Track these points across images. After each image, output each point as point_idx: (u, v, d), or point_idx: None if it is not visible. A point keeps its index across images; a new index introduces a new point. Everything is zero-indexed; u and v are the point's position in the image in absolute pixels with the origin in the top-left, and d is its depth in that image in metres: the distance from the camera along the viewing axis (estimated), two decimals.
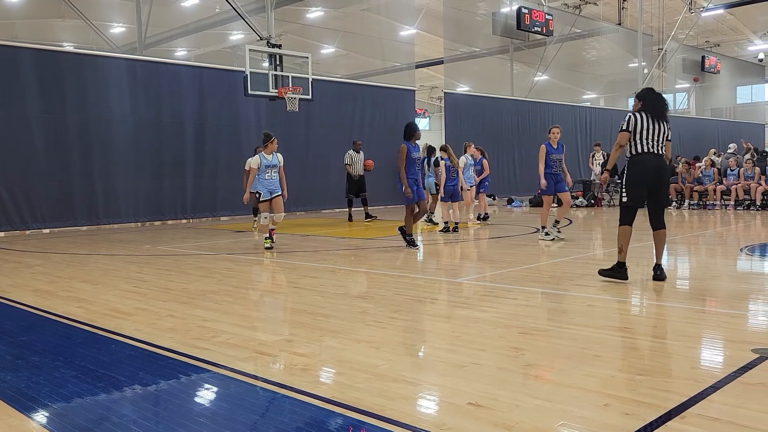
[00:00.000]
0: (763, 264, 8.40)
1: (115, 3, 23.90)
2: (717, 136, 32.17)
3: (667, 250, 9.60)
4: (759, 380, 3.52)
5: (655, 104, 6.57)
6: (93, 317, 5.50)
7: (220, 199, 16.46)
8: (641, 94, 6.73)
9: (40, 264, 9.04)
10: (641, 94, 6.74)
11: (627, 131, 6.46)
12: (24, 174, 13.71)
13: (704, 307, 5.61)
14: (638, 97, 6.74)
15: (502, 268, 7.79)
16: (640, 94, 6.75)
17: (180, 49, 28.93)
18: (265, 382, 3.72)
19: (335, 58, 32.79)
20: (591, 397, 3.32)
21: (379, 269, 7.85)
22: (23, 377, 3.92)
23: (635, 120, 6.47)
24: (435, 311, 5.72)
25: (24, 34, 23.63)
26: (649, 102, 6.58)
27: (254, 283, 7.47)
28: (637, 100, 6.72)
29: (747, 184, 16.54)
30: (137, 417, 3.23)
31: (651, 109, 6.53)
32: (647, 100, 6.60)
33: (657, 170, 6.48)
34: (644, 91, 6.78)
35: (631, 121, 6.47)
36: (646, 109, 6.54)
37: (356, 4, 26.33)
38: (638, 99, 6.71)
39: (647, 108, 6.55)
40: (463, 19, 27.36)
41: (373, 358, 4.13)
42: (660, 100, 6.65)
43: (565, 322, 4.92)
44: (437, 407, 3.34)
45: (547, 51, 26.83)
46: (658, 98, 6.65)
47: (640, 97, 6.70)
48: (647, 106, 6.57)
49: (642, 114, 6.50)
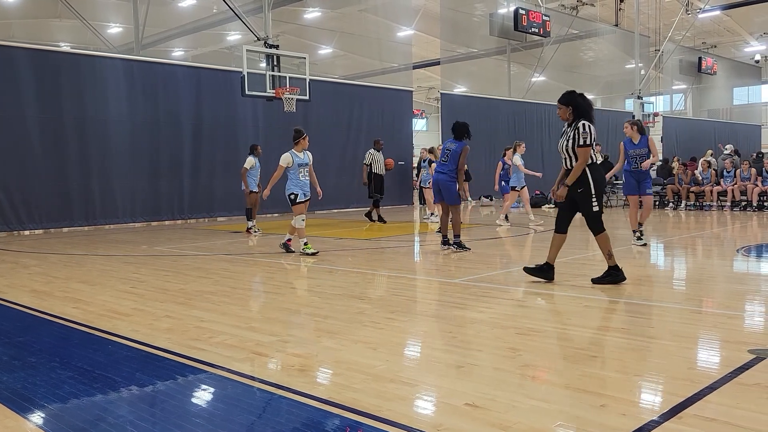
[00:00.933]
0: (760, 265, 8.42)
1: (112, 3, 23.89)
2: (713, 137, 32.20)
3: (665, 250, 9.62)
4: (755, 381, 3.53)
5: (591, 113, 6.43)
6: (90, 318, 5.49)
7: (217, 199, 16.44)
8: (573, 100, 6.43)
9: (36, 264, 9.02)
10: (574, 98, 6.45)
11: (590, 146, 6.28)
12: (21, 174, 13.68)
13: (701, 307, 5.62)
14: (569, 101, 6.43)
15: (499, 268, 7.79)
16: (572, 99, 6.44)
17: (177, 49, 28.92)
18: (262, 383, 3.72)
19: (332, 59, 32.81)
20: (587, 398, 3.32)
21: (376, 270, 7.84)
22: (20, 378, 3.91)
23: (594, 133, 6.34)
24: (432, 312, 5.72)
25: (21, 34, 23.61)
26: (586, 108, 6.41)
27: (251, 284, 7.46)
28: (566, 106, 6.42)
29: (743, 185, 16.58)
30: (134, 418, 3.22)
31: (590, 116, 6.40)
32: (583, 107, 6.40)
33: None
34: (579, 96, 6.50)
35: (591, 135, 6.28)
36: (590, 119, 6.38)
37: (353, 5, 26.36)
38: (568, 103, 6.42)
39: (586, 116, 6.37)
40: (461, 20, 27.39)
41: (370, 358, 4.13)
42: (592, 106, 6.50)
43: (561, 323, 4.93)
44: (434, 408, 3.34)
45: (544, 52, 26.84)
46: (592, 106, 6.50)
47: (571, 101, 6.42)
48: (584, 112, 6.38)
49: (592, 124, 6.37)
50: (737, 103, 40.69)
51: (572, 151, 6.31)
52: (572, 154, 6.31)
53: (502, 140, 24.89)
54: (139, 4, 19.05)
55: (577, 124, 6.31)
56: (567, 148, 6.35)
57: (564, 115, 6.44)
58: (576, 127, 6.30)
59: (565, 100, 6.44)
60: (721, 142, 26.46)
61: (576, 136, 6.27)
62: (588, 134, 6.23)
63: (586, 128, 6.25)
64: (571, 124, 6.40)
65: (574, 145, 6.28)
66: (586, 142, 6.22)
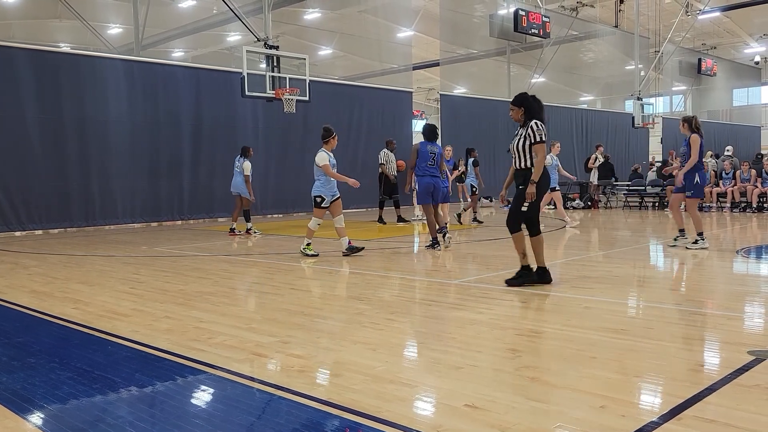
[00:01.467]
0: (759, 266, 8.42)
1: (112, 4, 23.89)
2: (713, 138, 32.23)
3: (664, 251, 9.62)
4: (755, 382, 3.53)
5: (542, 114, 6.49)
6: (89, 318, 5.48)
7: (216, 200, 16.44)
8: (525, 102, 6.49)
9: (36, 265, 9.02)
10: (526, 100, 6.50)
11: (544, 142, 6.36)
12: (20, 175, 13.68)
13: (700, 309, 5.62)
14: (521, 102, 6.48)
15: (499, 269, 7.79)
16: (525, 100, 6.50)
17: (177, 50, 28.92)
18: (261, 384, 3.71)
19: (332, 60, 32.82)
20: (587, 399, 3.32)
21: (375, 271, 7.84)
22: (19, 378, 3.91)
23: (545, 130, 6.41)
24: (431, 313, 5.72)
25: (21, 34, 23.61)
26: (538, 110, 6.48)
27: (251, 285, 7.46)
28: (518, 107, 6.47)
29: (743, 186, 16.59)
30: (133, 418, 3.22)
31: (540, 117, 6.46)
32: (534, 108, 6.47)
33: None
34: (531, 97, 6.57)
35: (545, 132, 6.37)
36: (541, 119, 6.45)
37: (353, 6, 26.37)
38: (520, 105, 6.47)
39: (540, 117, 6.45)
40: (460, 21, 27.40)
41: (369, 359, 4.13)
42: (542, 107, 6.55)
43: (561, 324, 4.92)
44: (434, 409, 3.34)
45: (544, 53, 26.85)
46: (543, 108, 6.55)
47: (524, 102, 6.48)
48: (536, 113, 6.45)
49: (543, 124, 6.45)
50: (737, 104, 40.71)
51: (523, 150, 6.43)
52: (524, 153, 6.43)
53: (502, 141, 24.96)
54: (139, 4, 19.05)
55: (529, 124, 6.43)
56: (519, 147, 6.46)
57: (516, 116, 6.56)
58: (529, 127, 6.42)
59: (518, 101, 6.57)
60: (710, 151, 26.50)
61: (530, 135, 6.38)
62: (542, 131, 6.37)
63: (539, 126, 6.40)
64: (523, 125, 6.51)
65: (525, 144, 6.40)
66: (542, 138, 6.36)
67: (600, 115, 29.84)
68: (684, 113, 36.87)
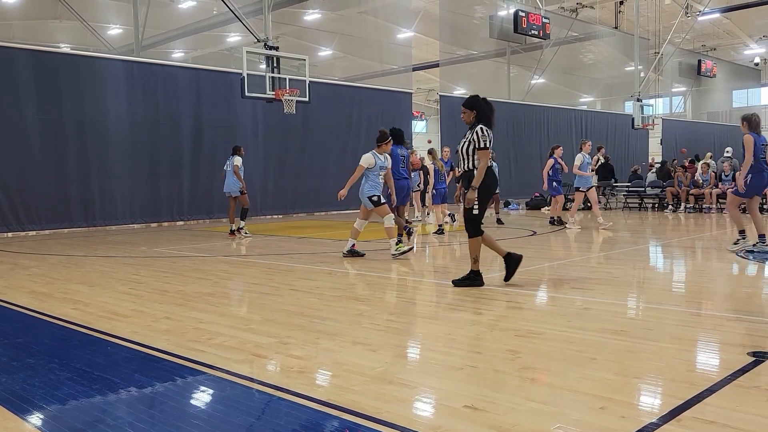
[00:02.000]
0: (759, 267, 8.41)
1: (112, 4, 23.90)
2: (713, 139, 32.25)
3: (663, 253, 9.62)
4: (755, 383, 3.53)
5: (491, 118, 6.51)
6: (89, 319, 5.48)
7: (216, 200, 16.41)
8: (477, 105, 6.50)
9: (35, 265, 9.02)
10: (478, 103, 6.51)
11: (489, 148, 6.37)
12: (20, 175, 13.68)
13: (700, 310, 5.62)
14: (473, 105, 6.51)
15: (498, 270, 7.79)
16: (476, 104, 6.51)
17: (177, 50, 28.95)
18: (261, 385, 3.71)
19: (332, 61, 32.84)
20: (587, 400, 3.32)
21: (375, 271, 7.84)
22: (18, 379, 3.90)
23: (491, 135, 6.42)
24: (431, 313, 5.71)
25: (21, 35, 23.62)
26: (488, 114, 6.50)
27: (250, 286, 7.46)
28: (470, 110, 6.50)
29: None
30: (132, 419, 3.22)
31: (489, 121, 6.49)
32: (485, 112, 6.49)
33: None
34: (483, 101, 6.57)
35: (490, 138, 6.40)
36: (487, 123, 6.47)
37: (353, 7, 26.38)
38: (472, 107, 6.50)
39: (486, 121, 6.47)
40: (460, 22, 27.42)
41: (369, 360, 4.13)
42: (494, 114, 6.57)
43: (561, 325, 4.92)
44: (433, 410, 3.34)
45: (543, 54, 26.87)
46: (493, 111, 6.56)
47: (476, 105, 6.50)
48: (487, 118, 6.48)
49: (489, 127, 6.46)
50: (737, 105, 40.69)
51: (467, 153, 6.46)
52: (468, 156, 6.47)
53: (501, 143, 24.95)
54: (139, 5, 19.07)
55: (475, 128, 6.44)
56: (464, 150, 6.49)
57: (468, 118, 6.57)
58: (474, 131, 6.43)
59: (470, 104, 6.58)
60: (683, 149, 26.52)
61: (475, 140, 6.40)
62: (487, 137, 6.39)
63: (485, 132, 6.41)
64: (471, 128, 6.52)
65: (470, 147, 6.43)
66: (486, 145, 6.38)
67: (600, 117, 29.84)
68: (683, 115, 36.91)
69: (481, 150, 6.37)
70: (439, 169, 12.75)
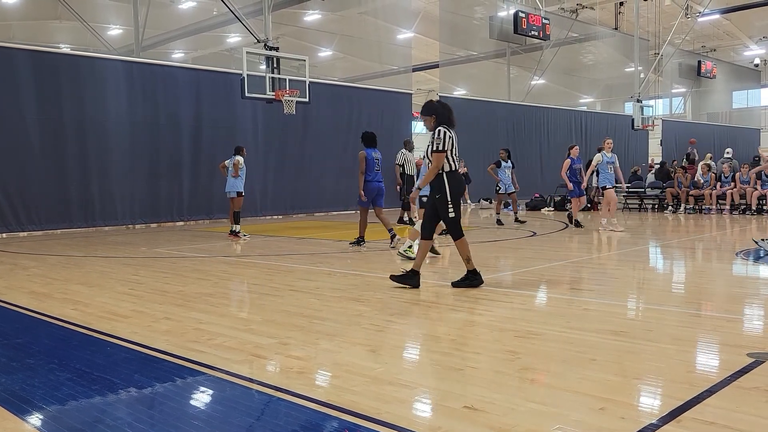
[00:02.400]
0: (759, 268, 8.42)
1: (112, 5, 23.90)
2: (713, 140, 32.25)
3: (663, 254, 9.62)
4: (754, 384, 3.53)
5: (450, 117, 6.54)
6: (88, 320, 5.48)
7: (216, 201, 16.41)
8: (435, 108, 6.56)
9: (35, 266, 9.01)
10: (434, 107, 6.57)
11: (444, 151, 6.39)
12: (20, 175, 13.68)
13: (700, 311, 5.62)
14: (430, 111, 6.55)
15: (498, 271, 7.79)
16: (433, 108, 6.56)
17: (177, 51, 28.95)
18: (260, 385, 3.71)
19: (332, 61, 32.84)
20: (587, 401, 3.32)
21: (375, 272, 7.84)
22: (18, 380, 3.90)
23: (450, 137, 6.43)
24: (431, 314, 5.71)
25: (20, 35, 23.62)
26: (446, 115, 6.53)
27: (250, 286, 7.46)
28: (429, 116, 6.54)
29: (743, 188, 16.59)
30: (132, 420, 3.22)
31: (450, 123, 6.51)
32: (444, 114, 6.52)
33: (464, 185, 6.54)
34: (438, 104, 6.63)
35: (447, 140, 6.40)
36: (448, 124, 6.49)
37: (354, 8, 26.38)
38: (430, 113, 6.54)
39: (446, 122, 6.49)
40: (460, 23, 27.43)
41: (369, 361, 4.13)
42: (452, 113, 6.60)
43: (560, 326, 4.92)
44: (433, 410, 3.34)
45: (543, 55, 26.87)
46: (451, 111, 6.60)
47: (433, 110, 6.54)
48: (445, 119, 6.51)
49: (448, 130, 6.46)
50: (736, 106, 40.70)
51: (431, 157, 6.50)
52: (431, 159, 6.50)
53: (501, 144, 24.93)
54: (139, 5, 19.06)
55: (435, 131, 6.47)
56: (428, 154, 6.53)
57: (428, 124, 6.62)
58: (433, 134, 6.46)
59: (426, 110, 6.64)
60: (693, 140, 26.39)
61: (431, 142, 6.43)
62: (441, 140, 6.38)
63: (440, 134, 6.41)
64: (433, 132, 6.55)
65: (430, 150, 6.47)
66: (439, 148, 6.37)
67: (599, 117, 29.85)
68: (683, 116, 36.93)
69: (435, 152, 6.40)
70: None
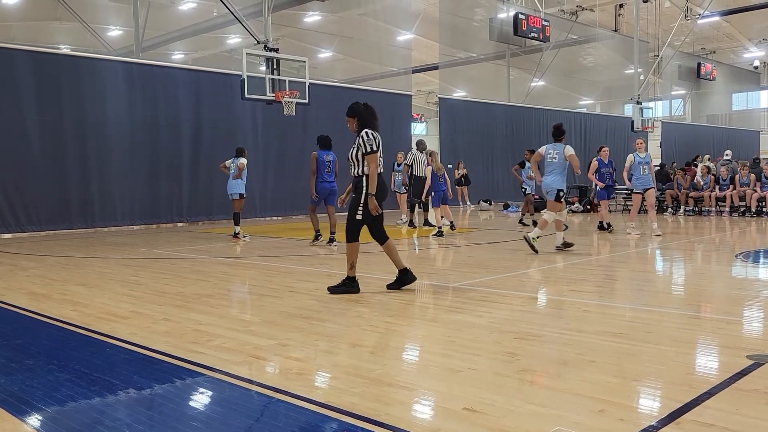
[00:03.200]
0: (758, 270, 8.42)
1: (112, 6, 23.89)
2: (712, 142, 32.27)
3: (662, 256, 9.62)
4: (754, 386, 3.53)
5: (374, 122, 6.54)
6: (88, 320, 5.48)
7: (216, 202, 16.41)
8: (357, 112, 6.56)
9: (35, 267, 9.01)
10: (358, 110, 6.57)
11: (376, 152, 6.38)
12: (20, 176, 13.67)
13: (699, 313, 5.62)
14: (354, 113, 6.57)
15: (498, 273, 7.79)
16: (356, 111, 6.57)
17: (177, 52, 28.94)
18: (260, 386, 3.71)
19: (332, 63, 32.83)
20: (586, 403, 3.32)
21: (374, 273, 7.83)
22: (17, 380, 3.90)
23: (379, 140, 6.44)
24: (430, 316, 5.71)
25: (21, 36, 23.59)
26: (370, 118, 6.53)
27: (249, 287, 7.46)
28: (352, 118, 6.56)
29: (742, 190, 16.60)
30: (131, 421, 3.22)
31: (372, 125, 6.52)
32: (366, 116, 6.52)
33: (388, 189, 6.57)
34: (363, 106, 6.61)
35: (378, 142, 6.42)
36: (374, 127, 6.50)
37: (354, 9, 26.38)
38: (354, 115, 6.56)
39: (372, 125, 6.51)
40: (460, 25, 27.44)
41: (368, 362, 4.12)
42: (377, 118, 6.60)
43: (560, 328, 4.92)
44: (432, 412, 3.33)
45: (543, 57, 26.89)
46: (375, 115, 6.61)
47: (356, 113, 6.55)
48: (369, 122, 6.51)
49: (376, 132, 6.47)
50: (736, 108, 40.72)
51: (356, 159, 6.49)
52: (356, 161, 6.49)
53: (501, 145, 24.98)
54: (139, 6, 19.08)
55: (361, 133, 6.47)
56: (352, 156, 6.53)
57: (352, 126, 6.64)
58: (360, 135, 6.46)
59: (351, 112, 6.64)
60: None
61: (362, 144, 6.42)
62: (372, 141, 6.40)
63: (370, 136, 6.42)
64: (358, 134, 6.54)
65: (358, 153, 6.45)
66: (373, 149, 6.39)
67: (599, 119, 29.87)
68: (683, 118, 36.94)
69: (367, 154, 6.39)
70: (436, 171, 12.67)
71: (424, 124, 46.51)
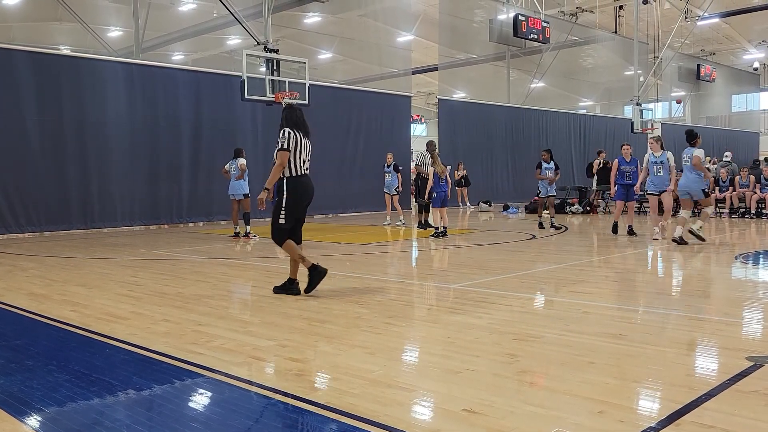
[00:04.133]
0: (758, 272, 8.42)
1: (113, 6, 23.89)
2: (712, 144, 32.27)
3: (662, 257, 9.62)
4: (753, 388, 3.53)
5: (301, 122, 6.59)
6: (87, 321, 5.48)
7: (215, 203, 16.41)
8: (284, 114, 6.62)
9: (34, 267, 9.01)
10: (284, 114, 6.63)
11: (288, 150, 6.41)
12: (20, 177, 13.67)
13: (699, 314, 5.62)
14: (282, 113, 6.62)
15: (497, 274, 7.79)
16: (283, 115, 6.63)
17: (177, 53, 28.92)
18: (259, 387, 3.71)
19: (332, 64, 32.83)
20: (586, 404, 3.32)
21: (374, 275, 7.84)
22: (16, 381, 3.90)
23: (295, 139, 6.45)
24: (430, 317, 5.71)
25: (21, 36, 23.58)
26: (296, 120, 6.57)
27: (249, 288, 7.46)
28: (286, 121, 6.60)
29: (742, 192, 16.60)
30: (130, 422, 3.21)
31: (301, 128, 6.55)
32: (294, 119, 6.57)
33: (313, 192, 6.61)
34: (286, 109, 6.66)
35: (292, 140, 6.42)
36: (297, 128, 6.52)
37: (354, 10, 26.38)
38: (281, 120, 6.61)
39: (296, 126, 6.53)
40: (460, 26, 27.44)
41: (367, 363, 4.12)
42: (304, 117, 6.65)
43: (560, 329, 4.92)
44: (432, 413, 3.33)
45: (543, 58, 26.89)
46: (303, 115, 6.66)
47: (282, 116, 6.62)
48: (295, 124, 6.54)
49: (297, 132, 6.48)
50: (736, 110, 40.75)
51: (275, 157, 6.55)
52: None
53: (501, 146, 24.99)
54: (139, 7, 19.07)
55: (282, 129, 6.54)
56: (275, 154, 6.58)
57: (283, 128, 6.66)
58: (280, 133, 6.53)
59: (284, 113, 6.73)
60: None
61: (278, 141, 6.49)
62: (286, 139, 6.44)
63: (285, 134, 6.47)
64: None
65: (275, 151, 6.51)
66: (283, 146, 6.43)
67: (599, 121, 29.87)
68: (683, 119, 36.95)
69: (278, 151, 6.44)
70: (438, 173, 12.65)
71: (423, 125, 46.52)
